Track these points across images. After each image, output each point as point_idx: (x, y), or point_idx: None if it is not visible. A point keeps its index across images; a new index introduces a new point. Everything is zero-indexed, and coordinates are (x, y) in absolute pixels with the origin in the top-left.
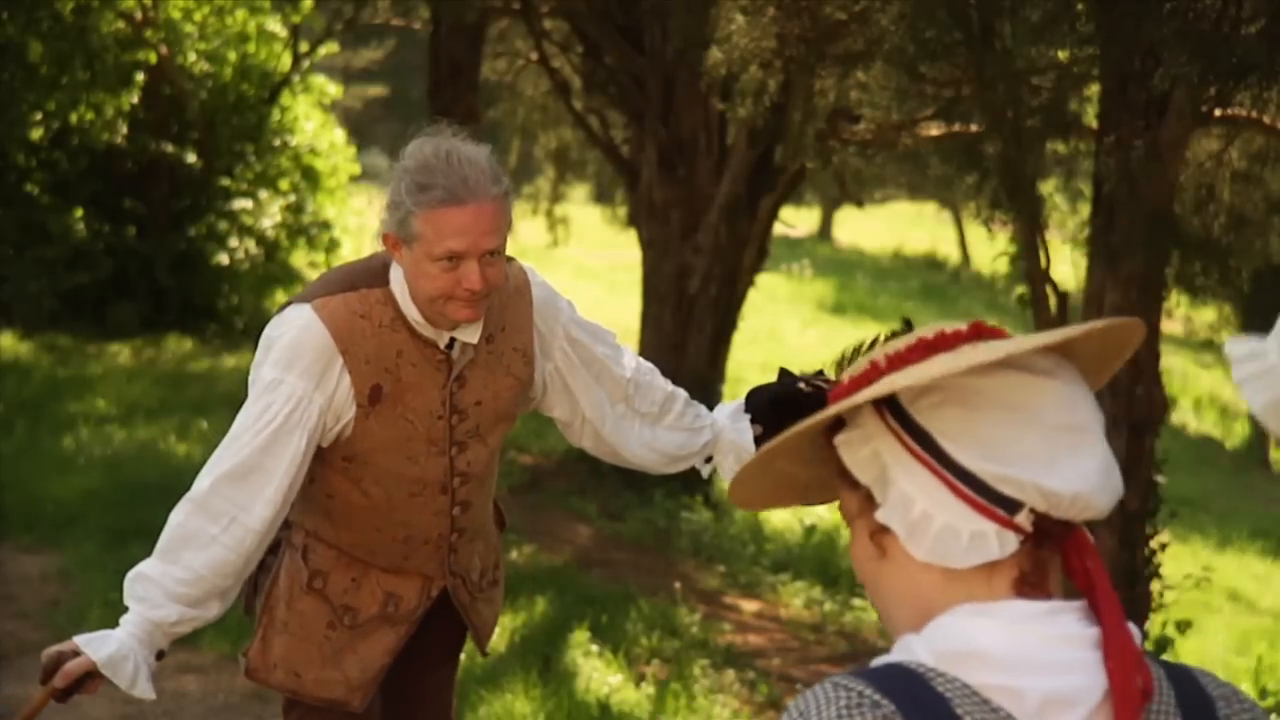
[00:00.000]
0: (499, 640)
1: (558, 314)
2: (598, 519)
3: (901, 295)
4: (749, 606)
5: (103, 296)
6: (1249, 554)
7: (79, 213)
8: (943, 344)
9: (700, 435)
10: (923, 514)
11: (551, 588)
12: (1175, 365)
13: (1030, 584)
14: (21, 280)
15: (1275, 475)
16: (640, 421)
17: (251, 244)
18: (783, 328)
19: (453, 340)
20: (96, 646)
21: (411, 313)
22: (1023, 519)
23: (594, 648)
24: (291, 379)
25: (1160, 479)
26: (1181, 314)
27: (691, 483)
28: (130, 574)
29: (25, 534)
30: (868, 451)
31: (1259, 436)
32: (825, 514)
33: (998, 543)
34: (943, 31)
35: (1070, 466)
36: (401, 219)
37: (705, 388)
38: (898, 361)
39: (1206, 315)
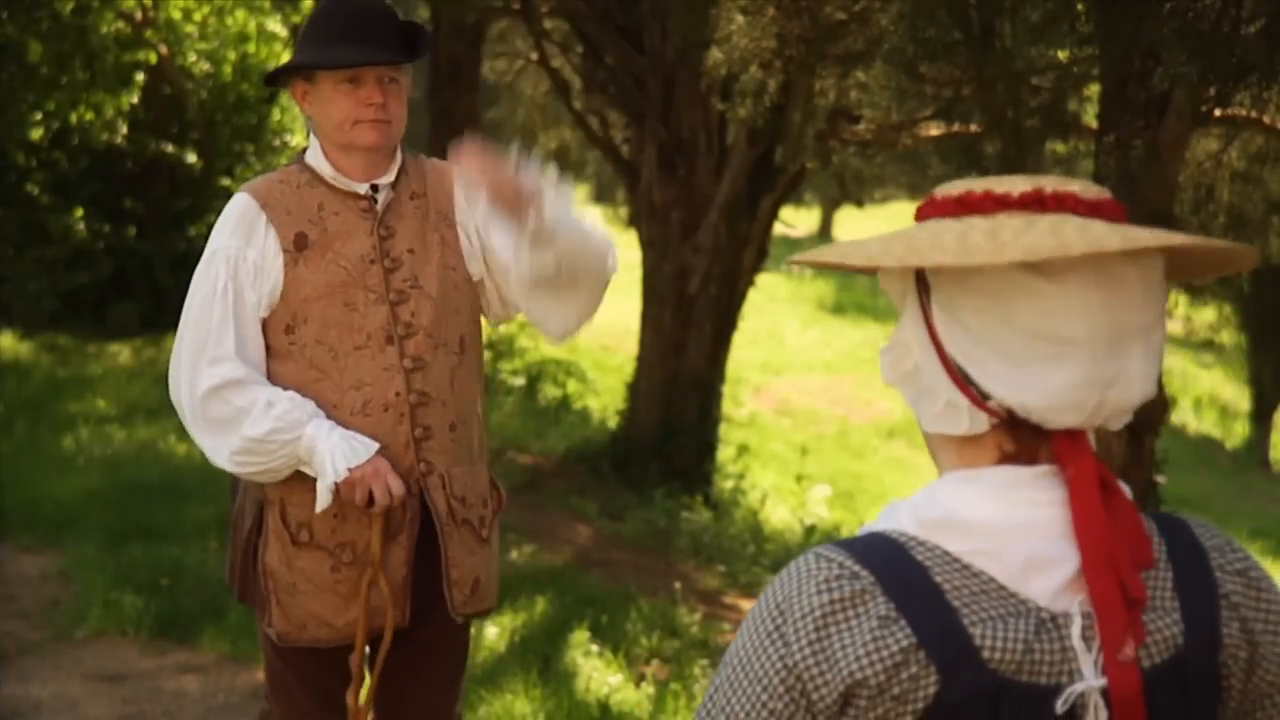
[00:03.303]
0: (499, 640)
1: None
2: (598, 519)
3: None
4: (749, 606)
5: (103, 296)
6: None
7: (79, 213)
8: (982, 205)
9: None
10: (915, 368)
11: (551, 588)
12: (1175, 365)
13: (1013, 459)
14: (21, 280)
15: (1275, 475)
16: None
17: None
18: (783, 328)
19: (375, 189)
20: (326, 466)
21: (324, 168)
22: (995, 405)
23: (594, 648)
24: (223, 240)
25: (1160, 479)
26: (1181, 314)
27: (691, 483)
28: (239, 454)
29: (25, 534)
30: (899, 285)
31: (1259, 436)
32: (825, 514)
33: (969, 419)
34: (943, 31)
35: (1039, 377)
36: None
37: (705, 388)
38: (947, 206)
39: (1206, 315)
